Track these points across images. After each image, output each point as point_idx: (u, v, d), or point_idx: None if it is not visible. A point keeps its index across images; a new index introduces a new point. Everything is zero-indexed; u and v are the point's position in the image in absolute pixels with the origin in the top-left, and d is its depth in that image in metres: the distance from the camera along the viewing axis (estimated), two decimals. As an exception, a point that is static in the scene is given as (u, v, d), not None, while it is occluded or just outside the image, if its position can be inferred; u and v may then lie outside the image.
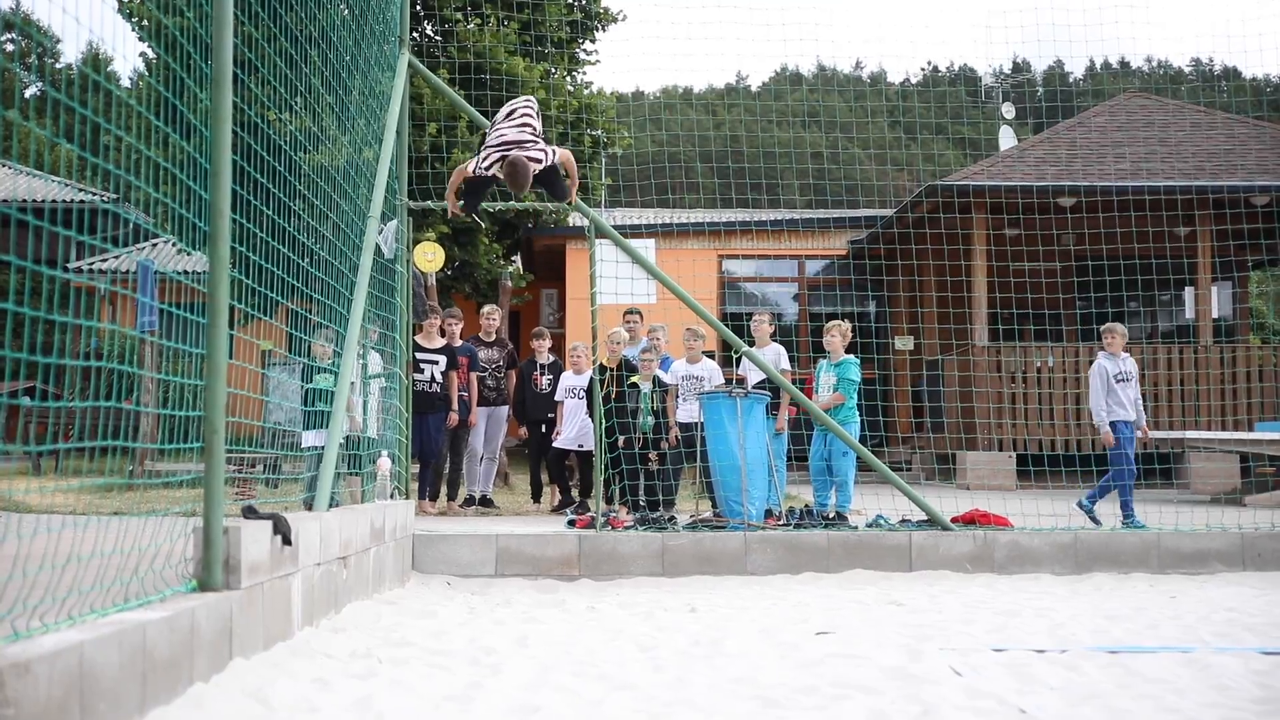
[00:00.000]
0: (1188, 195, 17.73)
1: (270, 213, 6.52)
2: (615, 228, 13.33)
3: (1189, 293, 21.44)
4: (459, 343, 13.14)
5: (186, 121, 5.33)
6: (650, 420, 11.82)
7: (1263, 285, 29.40)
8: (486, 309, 13.86)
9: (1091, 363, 12.13)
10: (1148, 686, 5.19)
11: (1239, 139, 20.01)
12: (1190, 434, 16.74)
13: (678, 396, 12.12)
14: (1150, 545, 10.02)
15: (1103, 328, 11.97)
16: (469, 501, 13.01)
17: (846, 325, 11.91)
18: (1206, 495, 16.21)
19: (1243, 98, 25.09)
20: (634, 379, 11.87)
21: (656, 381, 12.01)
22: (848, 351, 11.79)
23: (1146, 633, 6.85)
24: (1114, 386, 11.58)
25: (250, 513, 5.50)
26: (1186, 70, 53.42)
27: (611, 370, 11.97)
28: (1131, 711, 4.70)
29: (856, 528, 10.19)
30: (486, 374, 13.32)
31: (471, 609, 7.93)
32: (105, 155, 4.35)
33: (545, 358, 13.49)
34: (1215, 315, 21.47)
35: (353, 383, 9.24)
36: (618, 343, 12.33)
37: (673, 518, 10.63)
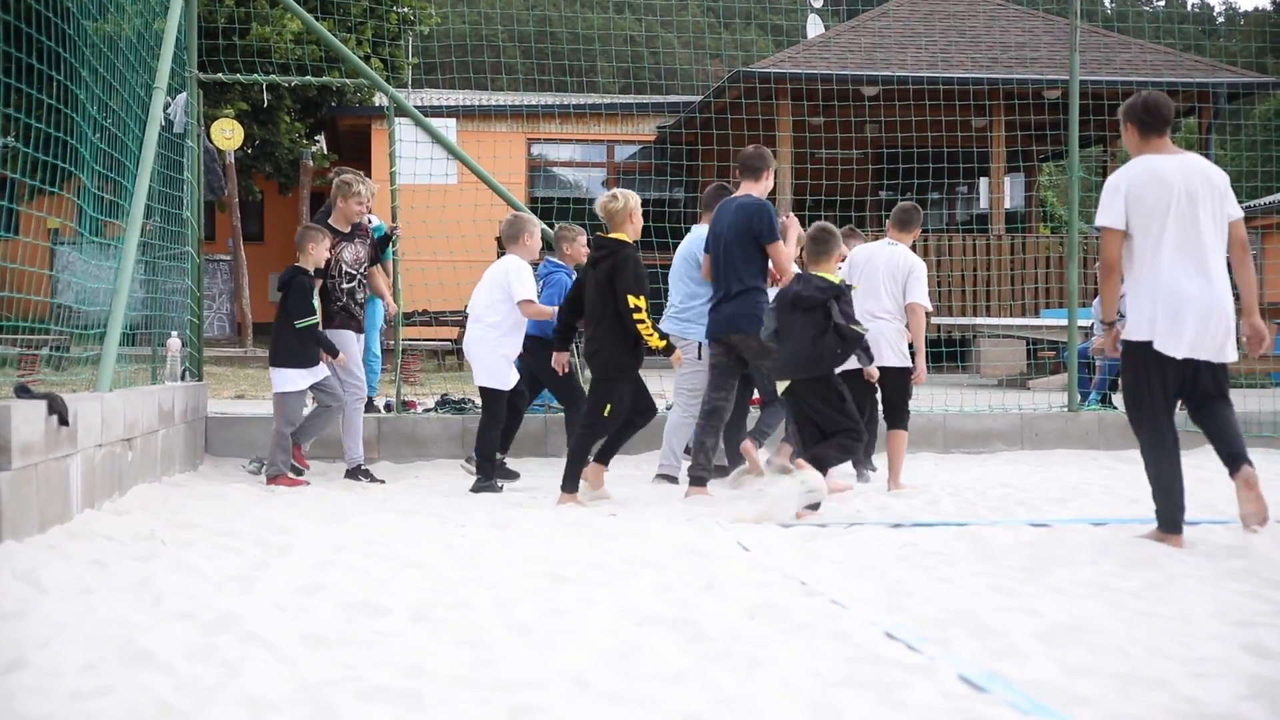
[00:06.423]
0: (980, 86, 18.12)
1: (49, 79, 6.20)
2: (420, 109, 13.04)
3: (983, 183, 22.04)
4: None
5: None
6: None
7: (1052, 176, 30.39)
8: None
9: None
10: (924, 559, 5.41)
11: (1032, 32, 20.48)
12: (980, 320, 17.35)
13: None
14: (936, 426, 10.38)
15: None
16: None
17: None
18: (994, 379, 16.84)
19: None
20: None
21: None
22: None
23: (927, 509, 7.13)
24: None
25: (23, 392, 5.30)
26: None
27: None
28: (905, 581, 4.89)
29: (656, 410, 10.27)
30: (356, 283, 8.85)
31: (267, 491, 7.82)
32: None
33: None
34: (1008, 205, 22.16)
35: None
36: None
37: (472, 401, 10.57)
